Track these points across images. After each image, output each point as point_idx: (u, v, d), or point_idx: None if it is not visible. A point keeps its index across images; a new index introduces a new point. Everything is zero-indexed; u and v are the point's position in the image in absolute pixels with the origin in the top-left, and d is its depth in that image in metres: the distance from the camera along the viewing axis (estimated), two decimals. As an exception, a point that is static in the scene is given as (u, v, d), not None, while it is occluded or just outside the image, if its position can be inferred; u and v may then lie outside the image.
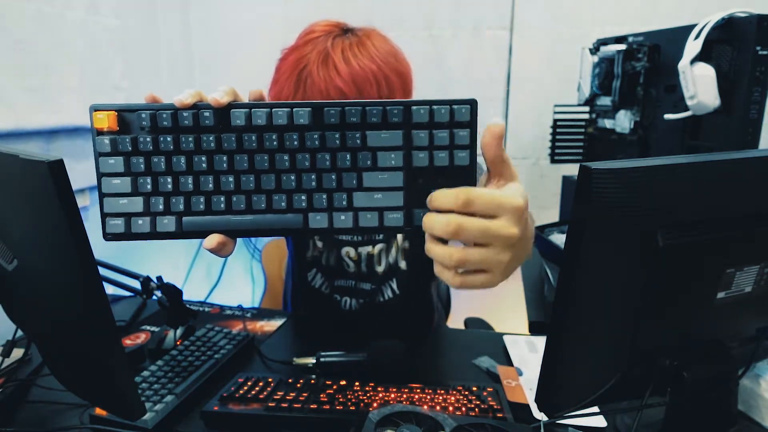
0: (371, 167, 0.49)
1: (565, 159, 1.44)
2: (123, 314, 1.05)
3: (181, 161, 0.48)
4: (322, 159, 0.48)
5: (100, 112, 0.48)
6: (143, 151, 0.48)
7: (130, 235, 0.49)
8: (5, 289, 0.63)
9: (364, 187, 0.49)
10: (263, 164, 0.49)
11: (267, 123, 0.48)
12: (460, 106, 0.48)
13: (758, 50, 0.90)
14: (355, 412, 0.69)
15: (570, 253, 0.46)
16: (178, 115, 0.48)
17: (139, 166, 0.49)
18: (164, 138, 0.48)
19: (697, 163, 0.47)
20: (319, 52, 0.84)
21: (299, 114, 0.48)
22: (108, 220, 0.49)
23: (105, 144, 0.49)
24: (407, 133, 0.48)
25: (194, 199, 0.49)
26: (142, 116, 0.48)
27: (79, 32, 1.40)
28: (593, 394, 0.54)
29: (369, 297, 1.01)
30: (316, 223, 0.49)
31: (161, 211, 0.49)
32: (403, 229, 0.50)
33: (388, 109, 0.48)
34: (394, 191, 0.49)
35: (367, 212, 0.49)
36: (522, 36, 1.82)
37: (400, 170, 0.49)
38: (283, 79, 0.86)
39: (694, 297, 0.52)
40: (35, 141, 1.29)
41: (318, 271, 1.04)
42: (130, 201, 0.49)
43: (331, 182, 0.49)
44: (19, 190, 0.47)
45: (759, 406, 0.69)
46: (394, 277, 1.01)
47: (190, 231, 0.49)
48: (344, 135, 0.48)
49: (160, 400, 0.70)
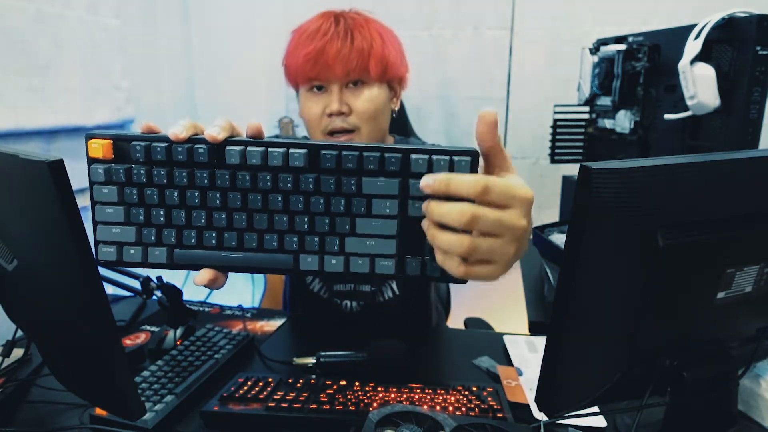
0: (365, 214, 0.48)
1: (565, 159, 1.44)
2: (123, 314, 1.05)
3: (174, 195, 0.48)
4: (315, 202, 0.48)
5: (95, 141, 0.48)
6: (137, 183, 0.48)
7: (123, 263, 0.50)
8: (5, 289, 0.63)
9: (356, 233, 0.48)
10: (256, 203, 0.48)
11: (262, 163, 0.47)
12: (461, 158, 0.46)
13: (758, 50, 0.90)
14: (355, 412, 0.69)
15: (570, 253, 0.46)
16: (173, 149, 0.47)
17: (132, 196, 0.48)
18: (158, 171, 0.48)
19: (697, 163, 0.46)
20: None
21: (295, 156, 0.47)
22: (101, 246, 0.50)
23: (99, 173, 0.48)
24: (404, 182, 0.47)
25: (186, 233, 0.49)
26: (137, 148, 0.47)
27: (79, 32, 1.40)
28: (593, 394, 0.54)
29: (369, 298, 1.02)
30: (307, 265, 0.49)
31: (153, 243, 0.49)
32: (394, 276, 0.49)
33: (386, 157, 0.47)
34: (387, 239, 0.48)
35: (359, 258, 0.49)
36: (522, 36, 1.82)
37: (394, 219, 0.48)
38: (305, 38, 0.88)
39: (694, 297, 0.52)
40: (35, 141, 1.29)
41: (316, 276, 1.04)
42: (122, 230, 0.49)
43: (324, 226, 0.48)
44: (19, 190, 0.47)
45: (759, 406, 0.69)
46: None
47: (181, 264, 0.49)
48: (340, 180, 0.47)
49: (160, 400, 0.70)
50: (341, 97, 0.88)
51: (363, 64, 0.87)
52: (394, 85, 0.95)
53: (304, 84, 0.91)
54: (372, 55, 0.87)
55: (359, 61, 0.86)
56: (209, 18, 1.99)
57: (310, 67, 0.87)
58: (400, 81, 0.96)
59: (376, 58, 0.88)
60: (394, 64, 0.91)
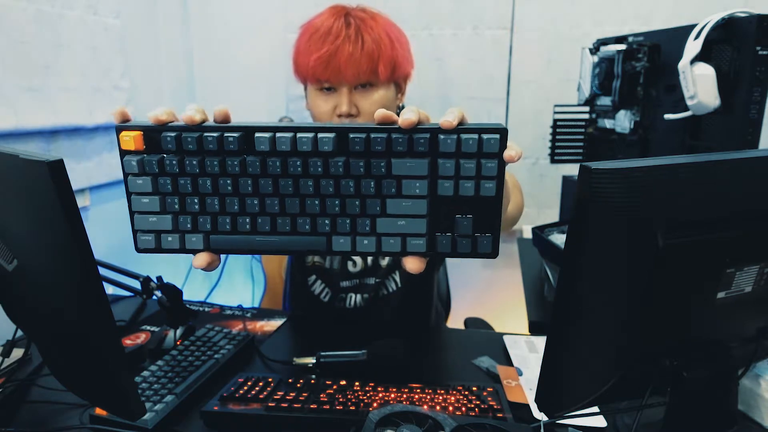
0: (395, 194, 0.48)
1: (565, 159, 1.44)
2: (123, 314, 1.05)
3: (207, 183, 0.49)
4: (346, 185, 0.48)
5: (126, 134, 0.48)
6: (170, 173, 0.49)
7: (161, 250, 0.51)
8: (5, 289, 0.63)
9: (387, 214, 0.49)
10: (287, 188, 0.49)
11: (291, 149, 0.48)
12: (489, 136, 0.46)
13: (758, 50, 0.90)
14: (355, 412, 0.69)
15: (570, 253, 0.46)
16: (203, 139, 0.48)
17: (166, 186, 0.49)
18: (190, 160, 0.49)
19: (697, 163, 0.46)
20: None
21: (324, 141, 0.47)
22: (139, 235, 0.51)
23: (132, 165, 0.49)
24: (433, 162, 0.48)
25: (220, 219, 0.50)
26: (167, 138, 0.48)
27: (79, 32, 1.40)
28: (593, 394, 0.54)
29: (373, 291, 1.02)
30: (340, 246, 0.50)
31: (189, 230, 0.50)
32: (425, 254, 0.50)
33: (415, 138, 0.47)
34: (418, 218, 0.49)
35: (390, 238, 0.49)
36: (522, 36, 1.82)
37: (424, 198, 0.48)
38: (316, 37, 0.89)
39: (694, 297, 0.52)
40: (35, 141, 1.29)
41: (318, 278, 1.04)
42: (159, 219, 0.50)
43: (355, 208, 0.49)
44: (19, 190, 0.47)
45: (759, 406, 0.69)
46: (397, 269, 1.02)
47: (218, 248, 0.51)
48: (369, 162, 0.48)
49: (160, 400, 0.70)
50: (350, 98, 0.89)
51: (372, 68, 0.88)
52: (400, 83, 0.97)
53: (313, 83, 0.92)
54: (381, 58, 0.89)
55: (369, 65, 0.88)
56: (209, 18, 1.99)
57: (321, 70, 0.88)
58: (406, 78, 0.98)
59: (385, 61, 0.89)
60: (401, 64, 0.93)
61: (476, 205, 0.48)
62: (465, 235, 0.49)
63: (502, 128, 0.47)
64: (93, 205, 1.50)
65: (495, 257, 0.49)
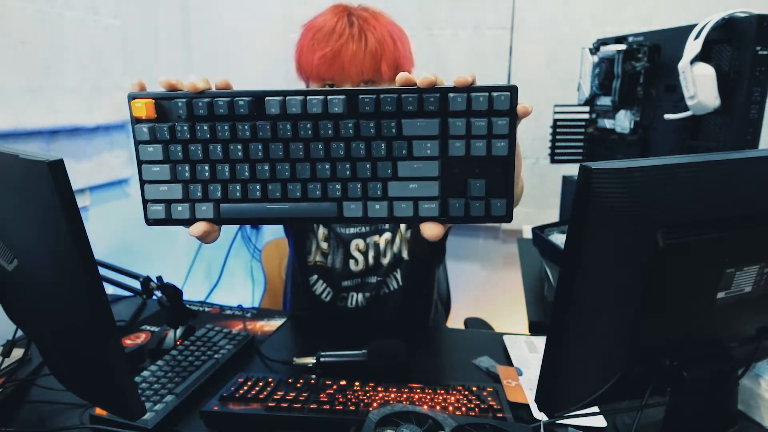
0: (406, 156, 0.48)
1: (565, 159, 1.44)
2: (123, 314, 1.05)
3: (218, 149, 0.49)
4: (356, 148, 0.48)
5: (138, 101, 0.49)
6: (181, 140, 0.49)
7: (171, 221, 0.51)
8: (5, 289, 0.63)
9: (399, 177, 0.48)
10: (298, 153, 0.48)
11: (302, 111, 0.47)
12: (500, 93, 0.46)
13: (758, 50, 0.89)
14: (355, 412, 0.69)
15: (570, 253, 0.46)
16: (214, 104, 0.48)
17: (177, 154, 0.49)
18: (201, 126, 0.48)
19: (697, 163, 0.46)
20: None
21: (334, 102, 0.47)
22: (149, 206, 0.50)
23: (144, 132, 0.49)
24: (443, 122, 0.47)
25: (231, 187, 0.49)
26: (179, 104, 0.48)
27: (79, 32, 1.40)
28: (593, 394, 0.54)
29: (375, 290, 1.03)
30: (351, 212, 0.49)
31: (200, 198, 0.50)
32: (438, 219, 0.49)
33: (424, 97, 0.46)
34: (430, 181, 0.48)
35: (402, 202, 0.48)
36: (522, 36, 1.82)
37: (435, 159, 0.48)
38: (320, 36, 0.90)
39: (694, 297, 0.52)
40: (36, 141, 1.29)
41: (320, 277, 1.04)
42: (169, 188, 0.50)
43: (366, 171, 0.48)
44: (19, 190, 0.47)
45: (759, 406, 0.69)
46: (398, 267, 1.02)
47: (228, 218, 0.50)
48: (379, 123, 0.47)
49: (160, 400, 0.70)
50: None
51: (376, 66, 0.89)
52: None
53: (316, 82, 0.92)
54: (384, 56, 0.90)
55: (372, 64, 0.89)
56: (209, 18, 1.99)
57: (325, 69, 0.88)
58: None
59: (388, 59, 0.90)
60: (403, 64, 0.94)
61: (488, 166, 0.47)
62: (478, 197, 0.48)
63: (512, 86, 0.46)
64: (93, 205, 1.49)
65: (509, 221, 0.49)
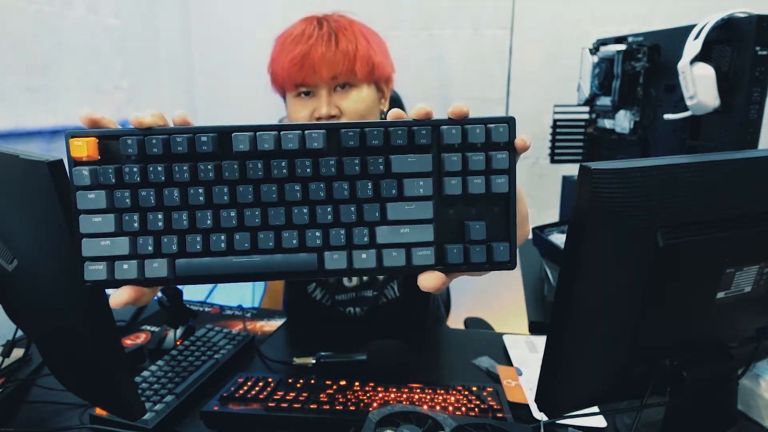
0: (396, 197, 0.42)
1: (565, 159, 1.44)
2: (123, 314, 1.05)
3: (174, 194, 0.41)
4: (339, 188, 0.42)
5: (77, 139, 0.41)
6: (129, 183, 0.41)
7: (114, 282, 0.43)
8: (5, 289, 0.63)
9: (388, 221, 0.42)
10: (271, 196, 0.42)
11: (275, 147, 0.41)
12: (497, 125, 0.42)
13: (758, 50, 0.90)
14: (355, 412, 0.69)
15: (570, 253, 0.46)
16: (171, 141, 0.41)
17: (124, 200, 0.41)
18: (154, 168, 0.41)
19: (697, 163, 0.46)
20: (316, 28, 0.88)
21: (312, 137, 0.41)
22: (87, 265, 0.42)
23: (84, 176, 0.41)
24: (437, 157, 0.42)
25: (189, 239, 0.42)
26: (128, 142, 0.41)
27: (79, 32, 1.40)
28: (593, 394, 0.54)
29: (372, 303, 1.02)
30: (334, 263, 0.42)
31: (151, 253, 0.42)
32: (434, 267, 0.43)
33: (415, 130, 0.42)
34: (424, 224, 0.43)
35: (393, 249, 0.42)
36: (522, 36, 1.82)
37: (429, 200, 0.43)
38: (288, 42, 0.87)
39: (694, 297, 0.52)
40: (36, 141, 1.29)
41: (318, 285, 1.04)
42: (113, 242, 0.42)
43: (351, 215, 0.42)
44: (20, 190, 0.47)
45: (759, 406, 0.69)
46: (394, 279, 1.01)
47: (185, 276, 0.42)
48: (365, 160, 0.42)
49: (160, 400, 0.70)
50: (330, 100, 0.87)
51: (349, 66, 0.86)
52: (381, 86, 0.94)
53: (291, 90, 0.89)
54: (357, 56, 0.86)
55: (345, 64, 0.85)
56: (209, 18, 1.99)
57: (296, 72, 0.85)
58: (387, 81, 0.95)
59: (362, 59, 0.87)
60: (380, 64, 0.90)
61: (487, 206, 0.43)
62: (478, 241, 0.43)
63: (510, 117, 0.43)
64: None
65: (513, 268, 0.44)
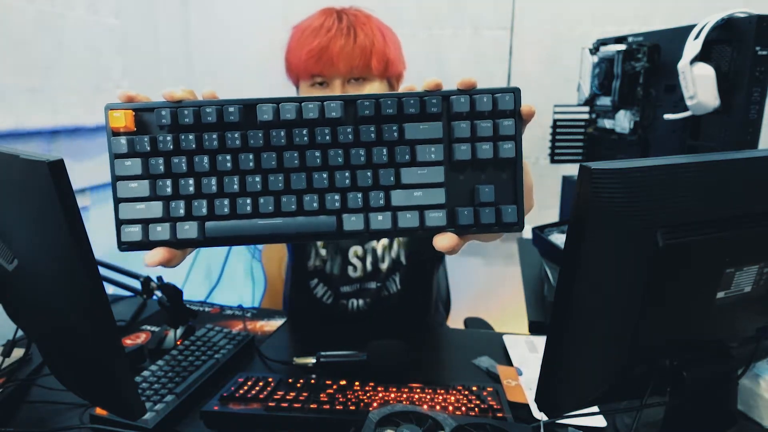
0: (409, 162, 0.45)
1: (565, 159, 1.44)
2: (123, 314, 1.05)
3: (204, 161, 0.45)
4: (356, 155, 0.45)
5: (116, 111, 0.45)
6: (163, 151, 0.45)
7: (148, 244, 0.46)
8: (5, 289, 0.63)
9: (402, 185, 0.46)
10: (293, 162, 0.45)
11: (296, 117, 0.45)
12: (503, 94, 0.45)
13: (758, 50, 0.90)
14: (355, 412, 0.69)
15: (570, 253, 0.46)
16: (201, 112, 0.45)
17: (158, 167, 0.45)
18: (186, 136, 0.45)
19: (697, 163, 0.46)
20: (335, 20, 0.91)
21: (331, 107, 0.45)
22: (124, 227, 0.45)
23: (121, 144, 0.45)
24: (447, 125, 0.46)
25: (218, 202, 0.45)
26: (162, 114, 0.45)
27: (79, 32, 1.40)
28: (593, 394, 0.54)
29: (375, 295, 1.03)
30: (351, 225, 0.45)
31: (182, 216, 0.45)
32: (446, 229, 0.46)
33: (426, 100, 0.45)
34: (436, 188, 0.46)
35: (407, 212, 0.45)
36: (522, 36, 1.82)
37: (441, 165, 0.46)
38: (307, 34, 0.90)
39: (694, 297, 0.52)
40: (36, 141, 1.29)
41: (320, 281, 1.04)
42: (148, 206, 0.45)
43: (367, 180, 0.45)
44: (20, 190, 0.47)
45: (759, 406, 0.69)
46: (396, 272, 1.02)
47: (214, 237, 0.45)
48: (380, 128, 0.45)
49: (160, 400, 0.70)
50: (343, 91, 0.90)
51: (365, 61, 0.89)
52: (392, 82, 0.97)
53: (306, 79, 0.92)
54: (374, 52, 0.89)
55: (362, 58, 0.88)
56: (209, 18, 1.99)
57: (313, 63, 0.88)
58: (399, 77, 0.98)
59: (378, 55, 0.89)
60: (394, 61, 0.93)
61: (495, 171, 0.46)
62: (487, 203, 0.46)
63: (515, 87, 0.46)
64: (93, 205, 1.49)
65: (521, 229, 0.47)
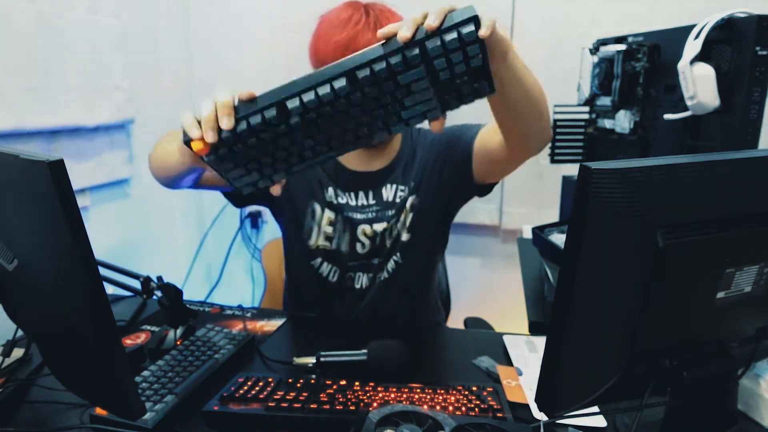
0: (408, 93, 0.62)
1: (565, 159, 1.44)
2: (123, 314, 1.05)
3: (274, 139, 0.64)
4: (368, 104, 0.62)
5: (194, 142, 0.62)
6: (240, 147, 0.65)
7: (257, 187, 0.70)
8: (5, 289, 0.63)
9: (406, 107, 0.63)
10: (328, 124, 0.63)
11: (316, 99, 0.60)
12: (465, 28, 0.57)
13: (758, 50, 0.89)
14: (355, 412, 0.69)
15: (570, 253, 0.46)
16: (249, 120, 0.62)
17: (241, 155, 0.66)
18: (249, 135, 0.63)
19: (697, 163, 0.47)
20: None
21: (340, 89, 0.59)
22: (235, 181, 0.68)
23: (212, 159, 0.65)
24: (429, 64, 0.59)
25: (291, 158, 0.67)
26: (241, 125, 0.62)
27: (80, 32, 1.40)
28: (593, 394, 0.54)
29: (378, 270, 1.06)
30: (379, 136, 0.66)
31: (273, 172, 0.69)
32: (442, 111, 0.66)
33: (409, 57, 0.58)
34: (429, 101, 0.63)
35: (414, 119, 0.65)
36: (522, 36, 1.82)
37: (429, 89, 0.62)
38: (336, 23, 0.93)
39: (694, 297, 0.52)
40: (36, 141, 1.29)
41: (324, 260, 1.06)
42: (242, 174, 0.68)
43: (381, 115, 0.64)
44: (20, 190, 0.47)
45: (759, 406, 0.69)
46: (397, 249, 1.05)
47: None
48: (380, 86, 0.60)
49: (160, 399, 0.70)
50: None
51: None
52: None
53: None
54: None
55: None
56: (209, 18, 1.99)
57: (340, 55, 0.90)
58: None
59: None
60: None
61: (470, 76, 0.62)
62: (467, 85, 0.63)
63: (474, 16, 0.57)
64: (93, 205, 1.49)
65: (493, 91, 0.64)
